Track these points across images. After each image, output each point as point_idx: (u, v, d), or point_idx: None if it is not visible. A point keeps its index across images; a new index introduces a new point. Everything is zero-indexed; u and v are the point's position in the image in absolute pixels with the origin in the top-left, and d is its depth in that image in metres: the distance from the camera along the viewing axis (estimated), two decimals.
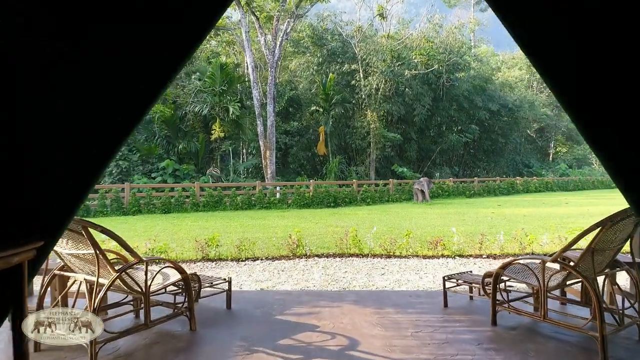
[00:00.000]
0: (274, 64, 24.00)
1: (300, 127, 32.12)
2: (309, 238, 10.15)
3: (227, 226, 12.92)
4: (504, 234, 8.57)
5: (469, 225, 12.02)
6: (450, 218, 14.14)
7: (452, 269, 6.91)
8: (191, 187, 18.43)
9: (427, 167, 34.28)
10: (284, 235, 10.26)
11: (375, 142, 29.83)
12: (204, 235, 11.10)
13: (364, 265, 7.19)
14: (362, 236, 10.25)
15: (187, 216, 16.04)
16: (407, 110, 31.56)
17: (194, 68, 26.47)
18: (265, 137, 23.77)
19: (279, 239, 9.78)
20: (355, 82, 29.55)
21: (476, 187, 27.04)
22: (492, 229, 11.31)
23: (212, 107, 23.77)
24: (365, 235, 9.80)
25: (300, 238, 8.01)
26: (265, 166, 23.81)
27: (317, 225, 12.85)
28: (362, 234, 10.29)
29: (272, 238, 10.01)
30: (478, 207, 18.82)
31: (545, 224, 12.27)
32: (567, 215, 14.51)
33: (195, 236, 10.83)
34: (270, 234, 11.18)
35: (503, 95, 37.55)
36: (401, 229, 11.57)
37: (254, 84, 23.80)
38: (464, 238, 8.86)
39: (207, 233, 11.48)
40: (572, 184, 34.54)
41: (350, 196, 21.28)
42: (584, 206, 18.54)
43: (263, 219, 14.82)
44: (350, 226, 12.17)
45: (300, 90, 33.70)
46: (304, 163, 32.04)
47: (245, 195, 18.96)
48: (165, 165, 23.11)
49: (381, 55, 27.92)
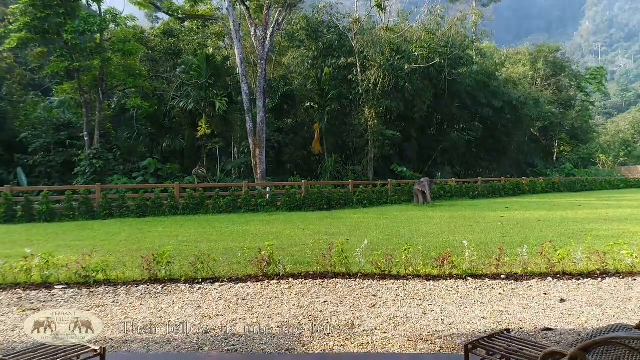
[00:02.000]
0: (264, 56, 22.40)
1: (295, 124, 30.55)
2: (291, 249, 8.59)
3: (202, 233, 11.33)
4: (519, 244, 6.99)
5: (478, 233, 10.43)
6: (455, 223, 12.54)
7: (465, 296, 5.32)
8: (170, 188, 16.82)
9: (427, 167, 32.69)
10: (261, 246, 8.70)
11: (374, 140, 28.23)
12: (172, 243, 9.54)
13: (351, 290, 5.59)
14: (354, 246, 8.68)
15: (163, 221, 14.45)
16: (407, 107, 29.95)
17: (180, 61, 24.88)
18: (254, 135, 22.17)
19: (252, 250, 8.22)
20: (352, 77, 27.97)
21: (480, 188, 25.47)
22: (505, 237, 9.72)
23: (198, 102, 22.17)
24: (356, 248, 8.23)
25: (273, 254, 6.39)
26: (255, 165, 22.21)
27: (303, 232, 11.26)
28: (354, 244, 8.72)
29: (245, 249, 8.42)
30: (484, 209, 17.24)
31: (564, 230, 10.68)
32: (585, 220, 12.91)
33: (161, 245, 9.28)
34: (247, 243, 9.59)
35: (507, 92, 35.93)
36: (400, 237, 9.98)
37: (242, 78, 22.19)
38: (475, 250, 7.27)
39: (177, 241, 9.92)
40: (579, 185, 33.01)
41: (346, 197, 19.70)
42: (599, 209, 16.94)
43: (246, 224, 13.24)
44: (341, 234, 10.62)
45: (295, 86, 32.11)
46: (299, 162, 30.46)
47: (231, 197, 17.36)
48: (147, 164, 21.54)
49: (379, 48, 26.30)
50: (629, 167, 49.48)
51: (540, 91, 43.33)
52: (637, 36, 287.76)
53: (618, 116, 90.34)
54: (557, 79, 48.30)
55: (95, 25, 17.91)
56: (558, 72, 48.66)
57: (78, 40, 18.11)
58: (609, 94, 66.94)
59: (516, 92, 37.82)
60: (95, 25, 17.87)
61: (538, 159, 44.93)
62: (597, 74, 49.74)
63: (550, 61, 48.13)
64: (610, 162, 51.64)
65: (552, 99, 44.58)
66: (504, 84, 37.05)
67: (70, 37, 17.74)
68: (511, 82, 39.69)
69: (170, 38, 26.43)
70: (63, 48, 18.74)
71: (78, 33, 17.95)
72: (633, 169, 47.85)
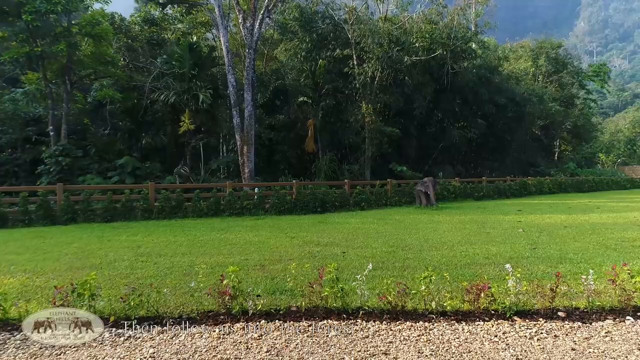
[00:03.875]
0: (253, 45, 20.56)
1: (287, 120, 28.72)
2: (272, 267, 6.79)
3: (170, 243, 9.49)
4: (558, 259, 5.23)
5: (500, 244, 8.65)
6: (468, 230, 10.76)
7: (522, 355, 3.53)
8: (142, 189, 14.93)
9: (427, 166, 30.97)
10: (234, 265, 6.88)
11: (371, 138, 26.45)
12: (127, 258, 7.72)
13: (351, 344, 3.79)
14: (351, 263, 6.89)
15: (131, 227, 12.57)
16: (407, 103, 28.21)
17: (162, 50, 22.98)
18: (242, 131, 20.33)
19: (223, 268, 6.42)
20: (348, 70, 26.14)
21: (485, 188, 23.75)
22: (536, 249, 7.95)
23: (180, 94, 20.28)
24: (354, 267, 6.44)
25: (240, 283, 4.56)
26: (242, 164, 20.37)
27: (291, 241, 9.44)
28: (352, 261, 6.92)
29: (213, 268, 6.60)
30: (495, 212, 15.49)
31: (602, 239, 8.93)
32: (617, 226, 11.17)
33: (113, 260, 7.49)
34: (221, 257, 7.78)
35: (510, 88, 34.27)
36: (407, 249, 8.19)
37: (229, 68, 20.32)
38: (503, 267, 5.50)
39: (135, 254, 8.10)
40: (586, 185, 31.44)
41: (342, 199, 17.90)
42: (621, 211, 15.23)
43: (226, 231, 11.41)
44: (336, 244, 8.79)
45: (287, 80, 30.28)
46: (291, 161, 28.63)
47: (213, 199, 15.49)
48: (124, 162, 19.64)
49: (377, 38, 24.50)
50: (632, 166, 48.05)
51: (544, 87, 41.67)
52: (631, 36, 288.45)
53: (615, 116, 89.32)
54: (559, 76, 46.77)
55: (60, 6, 15.91)
56: (560, 69, 47.12)
57: (39, 22, 16.13)
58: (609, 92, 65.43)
59: (519, 88, 36.20)
60: (59, 6, 15.88)
61: (540, 158, 43.38)
62: (600, 70, 48.23)
63: (552, 57, 46.59)
64: (610, 162, 50.27)
65: (555, 96, 43.01)
66: (506, 79, 35.37)
67: (31, 19, 15.78)
68: (514, 78, 38.03)
69: (152, 26, 24.50)
70: (24, 31, 16.76)
71: (40, 14, 16.00)
72: (637, 169, 46.41)
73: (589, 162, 46.53)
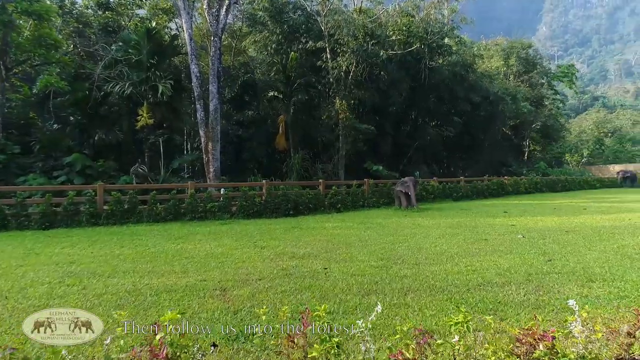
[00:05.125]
0: (219, 33, 18.84)
1: (257, 116, 27.07)
2: (235, 293, 5.27)
3: (111, 257, 7.79)
4: (587, 275, 3.97)
5: (507, 254, 7.42)
6: (462, 237, 9.52)
7: None
8: (88, 191, 13.02)
9: (402, 165, 29.97)
10: (188, 288, 5.35)
11: (345, 135, 25.16)
12: (49, 280, 6.02)
13: None
14: (338, 281, 5.46)
15: (71, 235, 10.69)
16: (382, 99, 27.07)
17: (118, 37, 20.88)
18: (206, 126, 18.57)
19: (168, 294, 4.89)
20: (321, 63, 24.74)
21: (463, 189, 22.87)
22: (552, 260, 6.73)
23: (137, 85, 18.32)
24: (345, 295, 5.00)
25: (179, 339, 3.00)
26: (207, 162, 18.61)
27: (261, 253, 7.92)
28: (337, 279, 5.47)
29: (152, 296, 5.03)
30: (481, 215, 14.42)
31: (615, 247, 7.85)
32: (618, 229, 10.18)
33: (25, 287, 5.79)
34: (173, 277, 6.18)
35: (484, 86, 33.76)
36: (401, 262, 6.82)
37: (192, 58, 18.51)
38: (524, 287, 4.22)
39: (62, 274, 6.40)
40: (559, 185, 31.24)
41: (316, 200, 16.47)
42: (610, 213, 14.46)
43: (184, 240, 9.76)
44: (315, 255, 7.26)
45: (257, 74, 28.61)
46: (261, 160, 26.99)
47: (172, 202, 13.73)
48: (72, 160, 17.54)
49: (352, 30, 23.19)
50: (598, 166, 48.82)
51: (517, 86, 41.63)
52: (589, 42, 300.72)
53: (577, 117, 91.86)
54: (529, 76, 47.02)
55: None
56: (530, 69, 47.39)
57: None
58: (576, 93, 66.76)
59: (493, 87, 35.81)
60: None
61: (511, 157, 43.34)
62: (568, 71, 48.81)
63: (522, 57, 46.78)
64: (574, 162, 51.00)
65: (527, 95, 43.08)
66: (480, 78, 34.86)
67: None
68: (487, 76, 37.64)
69: (107, 11, 22.30)
70: None
71: None
72: (603, 169, 47.14)
73: (558, 162, 46.97)
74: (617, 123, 71.73)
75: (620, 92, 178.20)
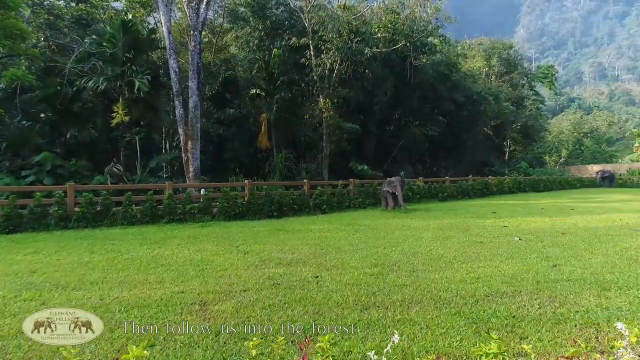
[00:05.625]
0: (199, 26, 18.07)
1: (238, 115, 26.32)
2: (216, 309, 4.67)
3: (80, 266, 7.07)
4: (598, 282, 3.55)
5: (507, 259, 6.99)
6: (456, 240, 9.09)
7: None
8: (58, 192, 12.17)
9: (387, 165, 29.64)
10: (163, 300, 4.72)
11: (330, 134, 24.65)
12: (7, 297, 5.31)
13: None
14: (332, 301, 4.91)
15: (38, 240, 9.85)
16: (366, 98, 26.68)
17: (92, 29, 19.89)
18: (186, 123, 17.79)
19: (139, 310, 4.27)
20: (305, 61, 24.16)
21: (449, 189, 22.61)
22: (557, 266, 6.32)
23: (112, 80, 17.42)
24: (341, 309, 4.42)
25: None
26: (186, 161, 17.82)
27: (244, 259, 7.31)
28: (331, 290, 4.91)
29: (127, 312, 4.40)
30: (470, 216, 14.06)
31: (621, 251, 7.53)
32: (614, 230, 9.91)
33: None
34: (145, 288, 5.54)
35: (468, 86, 33.73)
36: (398, 269, 6.31)
37: (171, 52, 17.69)
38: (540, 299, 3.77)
39: (20, 285, 5.69)
40: (541, 184, 31.39)
41: (301, 201, 15.88)
42: (600, 213, 14.29)
43: (161, 244, 9.06)
44: (303, 261, 6.65)
45: (239, 71, 27.88)
46: (243, 160, 26.26)
47: (149, 203, 12.95)
48: (42, 159, 16.55)
49: (337, 26, 22.68)
50: (577, 166, 49.53)
51: (499, 86, 41.86)
52: (565, 44, 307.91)
53: (554, 118, 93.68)
54: (510, 76, 47.45)
55: None
56: (511, 70, 47.85)
57: None
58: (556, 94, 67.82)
59: (476, 86, 35.86)
60: None
61: (493, 157, 43.60)
62: (548, 72, 49.42)
63: (504, 58, 47.19)
64: (552, 162, 51.70)
65: (508, 95, 43.40)
66: (464, 78, 34.84)
67: None
68: (470, 76, 37.69)
69: (81, 3, 21.24)
70: None
71: None
72: (582, 169, 47.83)
73: (539, 162, 47.46)
74: (594, 124, 73.22)
75: (595, 94, 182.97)
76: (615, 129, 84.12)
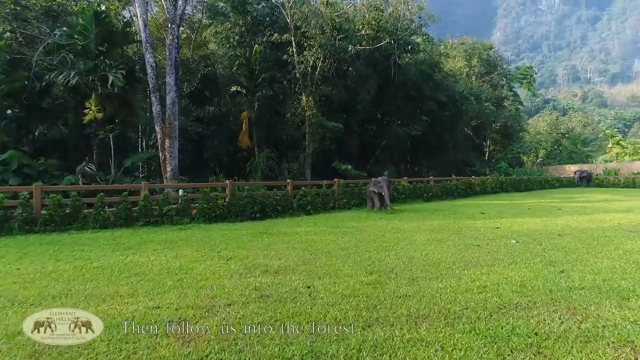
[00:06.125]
0: (177, 20, 17.27)
1: (218, 113, 25.54)
2: (197, 328, 4.06)
3: (43, 276, 6.33)
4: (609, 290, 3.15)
5: (510, 265, 6.58)
6: (451, 243, 8.67)
7: None
8: (23, 193, 11.27)
9: (370, 165, 29.29)
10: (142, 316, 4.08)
11: (312, 133, 24.12)
12: None
13: None
14: (329, 317, 4.36)
15: None
16: (350, 96, 26.25)
17: (62, 20, 18.85)
18: (163, 121, 16.98)
19: (109, 331, 3.64)
20: (287, 57, 23.57)
21: (433, 189, 22.34)
22: (563, 273, 5.93)
23: (84, 75, 16.47)
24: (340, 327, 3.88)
25: None
26: (164, 161, 17.01)
27: (227, 266, 6.70)
28: (325, 305, 4.35)
29: None
30: (459, 216, 13.73)
31: (624, 255, 7.22)
32: (609, 231, 9.67)
33: None
34: (116, 301, 4.89)
35: (450, 86, 33.68)
36: (397, 277, 5.80)
37: (147, 46, 16.85)
38: None
39: None
40: (522, 184, 31.53)
41: (284, 202, 15.28)
42: (588, 213, 14.16)
43: (135, 251, 8.35)
44: (291, 269, 6.03)
45: (218, 68, 27.09)
46: (223, 159, 25.47)
47: (123, 205, 12.15)
48: (7, 157, 15.50)
49: (320, 22, 22.14)
50: (555, 166, 50.26)
51: (480, 86, 42.08)
52: (540, 47, 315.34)
53: (530, 119, 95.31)
54: (490, 77, 47.81)
55: None
56: (491, 70, 48.22)
57: None
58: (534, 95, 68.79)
59: (458, 86, 35.87)
60: None
61: (473, 157, 43.80)
62: (527, 73, 50.01)
63: (484, 58, 47.52)
64: (530, 162, 52.37)
65: (488, 96, 43.66)
66: (446, 77, 34.78)
67: None
68: (452, 76, 37.70)
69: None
70: None
71: None
72: (560, 169, 48.53)
73: (518, 162, 47.96)
74: (569, 125, 74.64)
75: (569, 96, 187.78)
76: (589, 130, 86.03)
